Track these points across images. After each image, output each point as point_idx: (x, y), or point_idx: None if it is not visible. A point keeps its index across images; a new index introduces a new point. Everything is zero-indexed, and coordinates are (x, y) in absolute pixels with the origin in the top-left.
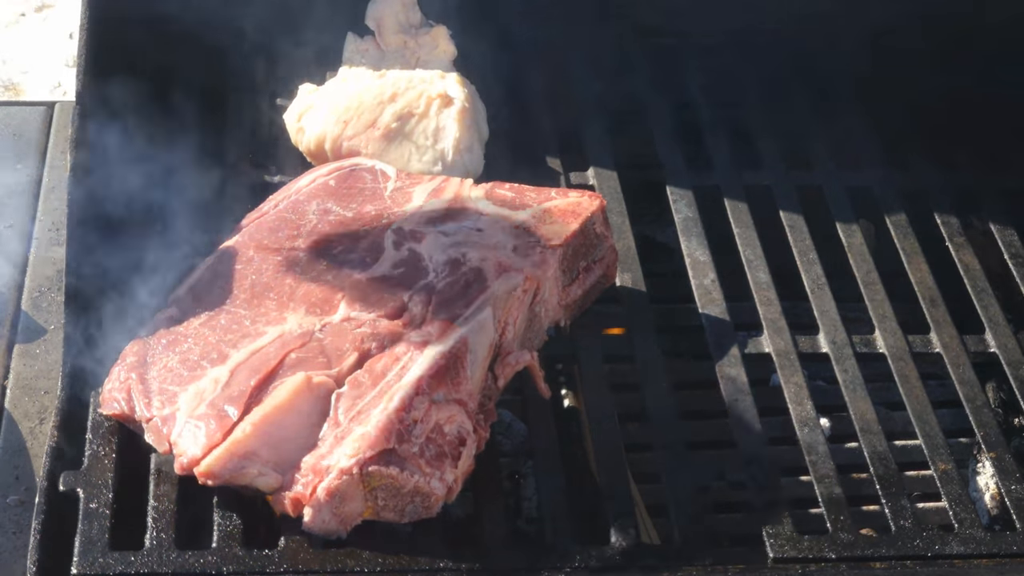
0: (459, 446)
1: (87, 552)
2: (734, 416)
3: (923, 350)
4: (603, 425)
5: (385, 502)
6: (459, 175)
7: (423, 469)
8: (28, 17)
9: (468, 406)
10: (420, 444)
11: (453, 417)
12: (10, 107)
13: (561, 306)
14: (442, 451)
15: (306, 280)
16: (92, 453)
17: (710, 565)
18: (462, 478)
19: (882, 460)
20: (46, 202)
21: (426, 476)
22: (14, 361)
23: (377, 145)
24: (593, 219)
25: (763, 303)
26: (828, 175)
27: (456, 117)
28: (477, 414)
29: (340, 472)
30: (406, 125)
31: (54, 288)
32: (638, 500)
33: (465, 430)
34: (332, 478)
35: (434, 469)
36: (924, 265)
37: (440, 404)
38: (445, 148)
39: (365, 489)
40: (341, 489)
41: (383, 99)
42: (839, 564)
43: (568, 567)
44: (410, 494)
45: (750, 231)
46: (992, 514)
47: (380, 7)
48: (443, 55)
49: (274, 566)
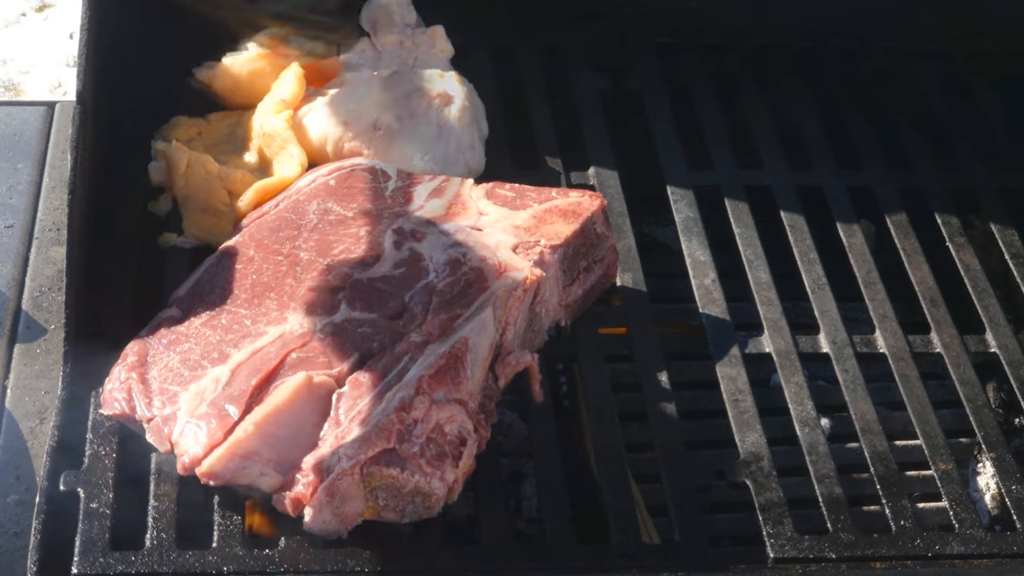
0: (460, 446)
1: (87, 552)
2: (734, 416)
3: (924, 350)
4: (603, 425)
5: (386, 502)
6: (461, 173)
7: (424, 469)
8: (28, 17)
9: (469, 406)
10: (421, 444)
11: (454, 417)
12: (10, 107)
13: (561, 306)
14: (443, 451)
15: (307, 280)
16: (92, 453)
17: (710, 565)
18: (463, 478)
19: (882, 460)
20: (46, 202)
21: (427, 476)
22: (14, 361)
23: (378, 145)
24: (594, 219)
25: (763, 303)
26: (828, 175)
27: (457, 116)
28: (478, 414)
29: (341, 472)
30: (407, 125)
31: (54, 288)
32: (638, 500)
33: (466, 430)
34: (333, 478)
35: (435, 469)
36: (924, 265)
37: (441, 404)
38: (446, 147)
39: (366, 489)
40: (342, 489)
41: (383, 99)
42: (839, 564)
43: (568, 567)
44: (411, 494)
45: (750, 231)
46: (992, 514)
47: (375, 8)
48: (441, 54)
49: (274, 566)
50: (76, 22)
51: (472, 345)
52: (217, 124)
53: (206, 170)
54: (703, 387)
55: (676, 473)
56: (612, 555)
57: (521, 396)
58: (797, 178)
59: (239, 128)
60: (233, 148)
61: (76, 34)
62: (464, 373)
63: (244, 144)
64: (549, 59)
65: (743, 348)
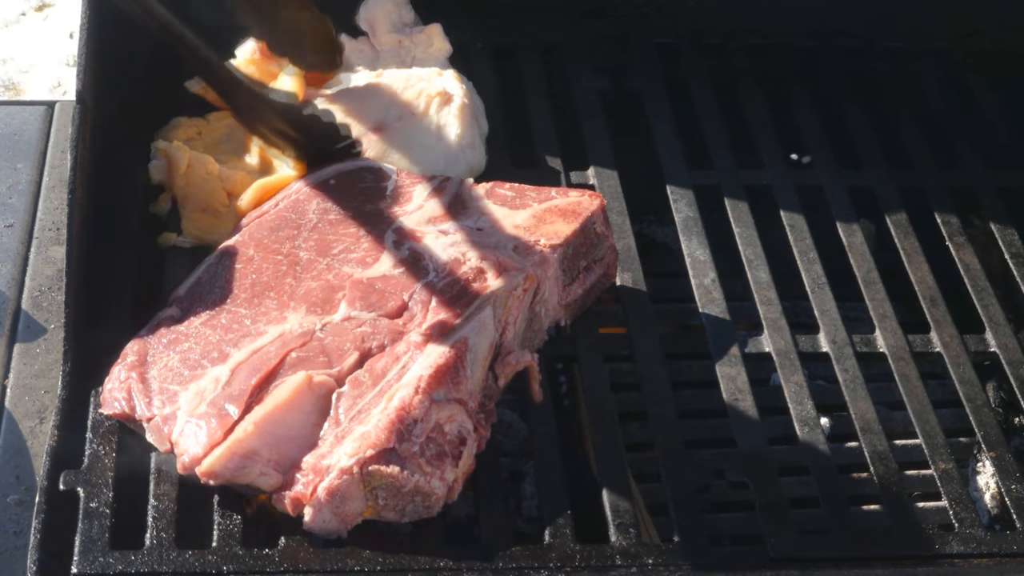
0: (460, 445)
1: (87, 551)
2: (734, 416)
3: (923, 349)
4: (603, 425)
5: (386, 501)
6: (463, 172)
7: (423, 468)
8: (28, 16)
9: (468, 405)
10: (420, 443)
11: (453, 416)
12: (10, 107)
13: (561, 305)
14: (443, 450)
15: (307, 279)
16: (92, 452)
17: (710, 565)
18: (463, 478)
19: (882, 459)
20: (46, 202)
21: (427, 476)
22: (14, 361)
23: (381, 146)
24: (593, 219)
25: (763, 303)
26: (828, 175)
27: (457, 114)
28: (478, 413)
29: (340, 472)
30: (408, 124)
31: (54, 288)
32: (638, 500)
33: (466, 429)
34: (332, 478)
35: (435, 468)
36: (924, 264)
37: (440, 403)
38: (448, 145)
39: (365, 489)
40: (341, 489)
41: (383, 100)
42: (839, 564)
43: (568, 567)
44: (411, 493)
45: (750, 230)
46: (992, 513)
47: (372, 7)
48: (439, 53)
49: (274, 566)
50: (76, 22)
51: (472, 344)
52: (217, 124)
53: (206, 170)
54: (703, 387)
55: (676, 473)
56: (612, 555)
57: (521, 396)
58: (797, 178)
59: (239, 128)
60: (233, 148)
61: (76, 34)
62: (464, 372)
63: (244, 144)
64: (549, 59)
65: (743, 347)
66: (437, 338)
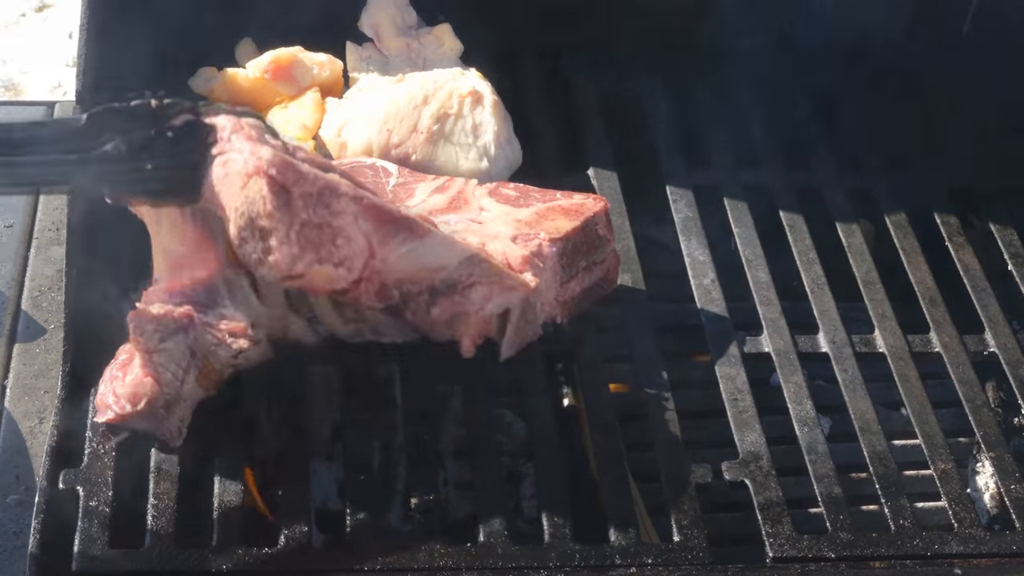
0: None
1: (87, 550)
2: (733, 416)
3: (923, 350)
4: (603, 425)
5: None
6: (503, 168)
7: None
8: (28, 17)
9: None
10: (310, 213)
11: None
12: (10, 107)
13: (558, 302)
14: (313, 241)
15: None
16: (92, 451)
17: (710, 565)
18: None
19: (882, 460)
20: (46, 202)
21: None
22: (14, 361)
23: (424, 149)
24: (596, 219)
25: (763, 303)
26: (828, 175)
27: (491, 111)
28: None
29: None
30: (445, 126)
31: (54, 288)
32: (638, 500)
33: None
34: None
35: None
36: (924, 265)
37: (345, 218)
38: (487, 143)
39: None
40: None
41: (417, 102)
42: (838, 563)
43: (568, 567)
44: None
45: (750, 231)
46: (992, 514)
47: (375, 12)
48: (450, 52)
49: (274, 565)
50: (76, 22)
51: (432, 241)
52: None
53: None
54: (703, 387)
55: (676, 473)
56: (612, 555)
57: (521, 396)
58: (796, 178)
59: None
60: None
61: (76, 34)
62: (398, 235)
63: None
64: (549, 59)
65: (742, 347)
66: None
